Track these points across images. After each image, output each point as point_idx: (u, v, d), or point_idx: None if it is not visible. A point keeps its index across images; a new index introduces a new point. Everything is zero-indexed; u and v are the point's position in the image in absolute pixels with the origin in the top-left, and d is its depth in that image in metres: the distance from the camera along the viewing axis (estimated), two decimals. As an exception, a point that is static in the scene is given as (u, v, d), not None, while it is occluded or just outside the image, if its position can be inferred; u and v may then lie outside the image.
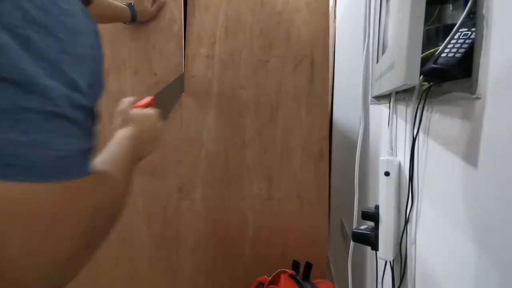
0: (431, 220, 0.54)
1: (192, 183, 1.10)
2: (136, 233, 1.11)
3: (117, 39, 1.10)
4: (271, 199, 1.07)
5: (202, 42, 1.07)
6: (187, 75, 1.09)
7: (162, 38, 1.09)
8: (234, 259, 1.10)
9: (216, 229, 1.10)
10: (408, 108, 0.62)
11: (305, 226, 1.06)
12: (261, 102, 1.06)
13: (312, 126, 1.04)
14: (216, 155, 1.08)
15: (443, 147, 0.50)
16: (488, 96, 0.37)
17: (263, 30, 1.04)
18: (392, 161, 0.68)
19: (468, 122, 0.42)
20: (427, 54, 0.49)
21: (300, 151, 1.05)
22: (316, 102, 1.04)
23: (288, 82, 1.04)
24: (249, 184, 1.08)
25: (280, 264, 1.07)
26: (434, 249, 0.53)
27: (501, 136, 0.35)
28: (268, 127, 1.06)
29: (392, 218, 0.68)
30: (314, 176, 1.05)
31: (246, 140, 1.07)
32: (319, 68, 1.03)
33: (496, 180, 0.36)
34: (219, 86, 1.07)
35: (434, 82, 0.48)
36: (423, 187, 0.57)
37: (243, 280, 1.09)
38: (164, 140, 1.08)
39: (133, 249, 1.11)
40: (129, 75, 1.10)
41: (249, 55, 1.05)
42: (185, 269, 1.11)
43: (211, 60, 1.07)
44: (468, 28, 0.43)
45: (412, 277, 0.62)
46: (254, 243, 1.09)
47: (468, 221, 0.42)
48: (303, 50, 1.03)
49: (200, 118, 1.09)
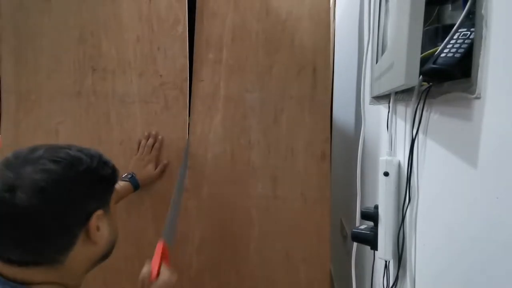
0: (431, 220, 0.53)
1: (199, 183, 1.09)
2: (143, 232, 1.10)
3: (122, 40, 1.09)
4: (276, 198, 1.07)
5: (209, 48, 1.08)
6: (195, 79, 1.09)
7: (167, 40, 1.08)
8: (239, 257, 1.09)
9: (222, 227, 1.09)
10: (407, 108, 0.60)
11: (309, 224, 1.05)
12: (266, 105, 1.06)
13: (315, 128, 1.04)
14: (223, 156, 1.08)
15: (442, 147, 0.48)
16: (487, 96, 0.36)
17: (268, 37, 1.05)
18: (392, 161, 0.66)
19: (467, 122, 0.41)
20: (427, 54, 0.48)
21: (304, 152, 1.05)
22: (318, 106, 1.04)
23: (292, 87, 1.05)
24: (254, 184, 1.07)
25: (284, 261, 1.06)
26: (434, 249, 0.52)
27: (501, 136, 0.34)
28: (273, 129, 1.06)
29: (392, 218, 0.66)
30: (317, 176, 1.05)
31: (252, 141, 1.07)
32: (321, 74, 1.04)
33: (496, 180, 0.35)
34: (226, 90, 1.08)
35: (433, 82, 0.47)
36: (423, 187, 0.56)
37: (249, 277, 1.08)
38: (171, 141, 1.08)
39: (140, 248, 1.10)
40: (134, 77, 1.09)
41: (254, 60, 1.06)
42: (191, 267, 1.10)
43: (218, 65, 1.07)
44: (467, 28, 0.42)
45: (411, 277, 0.60)
46: (259, 241, 1.08)
47: (468, 221, 0.41)
48: (306, 57, 1.04)
49: (207, 120, 1.09)
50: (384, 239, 0.67)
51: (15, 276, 0.54)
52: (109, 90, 1.09)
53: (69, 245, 0.57)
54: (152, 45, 1.08)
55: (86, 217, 0.58)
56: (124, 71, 1.09)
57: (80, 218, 0.57)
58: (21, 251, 0.54)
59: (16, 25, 1.10)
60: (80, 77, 1.09)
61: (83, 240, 0.58)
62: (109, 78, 1.09)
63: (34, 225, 0.52)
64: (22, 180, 0.51)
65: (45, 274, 0.56)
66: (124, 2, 1.08)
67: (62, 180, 0.54)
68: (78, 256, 0.58)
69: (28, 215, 0.52)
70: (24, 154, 0.55)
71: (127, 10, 1.08)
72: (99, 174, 0.61)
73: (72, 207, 0.56)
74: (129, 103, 1.09)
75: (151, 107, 1.08)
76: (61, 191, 0.54)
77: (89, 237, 0.58)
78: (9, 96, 1.11)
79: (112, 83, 1.09)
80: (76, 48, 1.09)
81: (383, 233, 0.67)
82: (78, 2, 1.08)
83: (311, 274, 1.05)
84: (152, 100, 1.08)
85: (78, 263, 0.59)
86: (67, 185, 0.55)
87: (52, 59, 1.09)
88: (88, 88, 1.09)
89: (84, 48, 1.09)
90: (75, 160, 0.57)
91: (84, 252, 0.59)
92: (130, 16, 1.08)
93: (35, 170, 0.53)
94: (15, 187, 0.51)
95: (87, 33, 1.09)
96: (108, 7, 1.08)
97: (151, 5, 1.08)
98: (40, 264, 0.55)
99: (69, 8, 1.09)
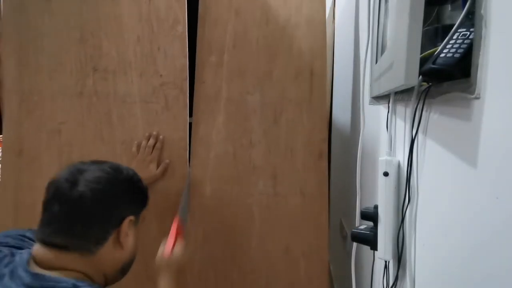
0: (430, 220, 0.52)
1: (202, 181, 1.11)
2: (146, 230, 1.10)
3: (123, 40, 1.09)
4: (276, 195, 1.09)
5: (212, 51, 1.10)
6: (197, 81, 1.10)
7: (167, 39, 1.09)
8: (241, 253, 1.11)
9: (225, 224, 1.11)
10: (407, 108, 0.60)
11: (307, 220, 1.08)
12: (266, 107, 1.09)
13: (313, 129, 1.08)
14: (225, 155, 1.10)
15: (442, 147, 0.48)
16: (487, 96, 0.36)
17: (268, 43, 1.09)
18: (391, 161, 0.66)
19: (467, 122, 0.40)
20: (426, 54, 0.48)
21: (302, 151, 1.08)
22: (316, 108, 1.08)
23: (291, 90, 1.09)
24: (255, 182, 1.10)
25: (284, 256, 1.08)
26: (433, 249, 0.51)
27: (500, 136, 0.33)
28: (273, 130, 1.09)
29: (391, 218, 0.65)
30: (315, 173, 1.08)
31: (253, 141, 1.10)
32: (318, 78, 1.08)
33: (495, 180, 0.34)
34: (228, 92, 1.10)
35: (433, 82, 0.47)
36: (422, 187, 0.55)
37: (250, 272, 1.10)
38: (172, 140, 1.08)
39: (143, 245, 1.10)
40: (135, 77, 1.09)
41: (255, 65, 1.09)
42: (194, 263, 1.11)
43: (220, 68, 1.10)
44: (466, 28, 0.42)
45: (411, 277, 0.60)
46: (260, 237, 1.10)
47: (467, 221, 0.41)
48: (304, 62, 1.08)
49: (210, 121, 1.10)
50: (383, 239, 0.67)
51: (50, 261, 0.63)
52: (110, 90, 1.09)
53: (103, 239, 0.67)
54: (152, 45, 1.09)
55: (121, 219, 0.69)
56: (124, 71, 1.09)
57: (117, 218, 0.69)
58: (65, 235, 0.64)
59: (17, 26, 1.10)
60: (82, 78, 1.09)
61: (113, 241, 0.68)
62: (110, 79, 1.09)
63: (82, 212, 0.64)
64: (84, 177, 0.65)
65: (77, 262, 0.64)
66: (124, 3, 1.08)
67: (114, 181, 0.69)
68: (106, 254, 0.67)
69: (81, 203, 0.64)
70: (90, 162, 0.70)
71: (127, 11, 1.08)
72: (136, 185, 0.75)
73: (114, 206, 0.68)
74: (130, 103, 1.09)
75: (152, 107, 1.09)
76: (111, 189, 0.68)
77: (118, 239, 0.69)
78: (11, 96, 1.11)
79: (113, 83, 1.09)
80: (77, 49, 1.09)
81: (382, 233, 0.67)
82: (79, 3, 1.08)
83: (310, 268, 1.08)
84: (152, 100, 1.09)
85: (104, 260, 0.67)
86: (116, 186, 0.69)
87: (53, 60, 1.09)
88: (90, 88, 1.09)
89: (85, 48, 1.09)
90: (123, 169, 0.73)
91: (112, 252, 0.68)
92: (130, 16, 1.08)
93: (97, 170, 0.68)
94: (77, 182, 0.64)
95: (88, 33, 1.09)
96: (108, 7, 1.08)
97: (151, 5, 1.08)
98: (75, 250, 0.64)
99: (70, 8, 1.09)
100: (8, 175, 1.11)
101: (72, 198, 0.63)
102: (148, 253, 1.10)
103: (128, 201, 0.72)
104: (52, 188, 0.65)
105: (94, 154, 1.08)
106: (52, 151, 1.09)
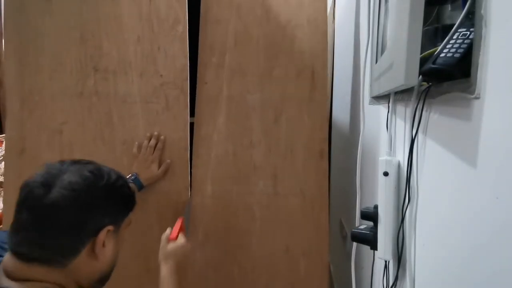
0: (430, 220, 0.52)
1: (203, 181, 1.11)
2: (148, 230, 1.10)
3: (123, 40, 1.09)
4: (276, 194, 1.09)
5: (213, 52, 1.10)
6: (200, 82, 1.10)
7: (167, 39, 1.09)
8: (242, 252, 1.11)
9: (225, 223, 1.11)
10: (407, 108, 0.60)
11: (308, 219, 1.08)
12: (267, 106, 1.09)
13: (313, 128, 1.07)
14: (226, 155, 1.10)
15: (442, 147, 0.48)
16: (487, 96, 0.36)
17: (269, 42, 1.09)
18: (391, 161, 0.65)
19: (467, 122, 0.40)
20: (426, 54, 0.47)
21: (303, 151, 1.07)
22: (316, 107, 1.08)
23: (291, 89, 1.08)
24: (256, 181, 1.10)
25: (285, 255, 1.08)
26: (433, 249, 0.51)
27: (500, 136, 0.33)
28: (273, 129, 1.09)
29: (391, 218, 0.65)
30: (315, 173, 1.07)
31: (253, 141, 1.09)
32: (319, 78, 1.08)
33: (495, 180, 0.34)
34: (228, 92, 1.10)
35: (433, 82, 0.46)
36: (422, 187, 0.55)
37: (251, 271, 1.10)
38: (173, 140, 1.08)
39: (145, 246, 1.11)
40: (135, 77, 1.09)
41: (255, 64, 1.09)
42: (195, 262, 1.11)
43: (221, 68, 1.10)
44: (466, 28, 0.42)
45: (411, 276, 0.60)
46: (261, 236, 1.10)
47: (467, 221, 0.41)
48: (305, 61, 1.08)
49: (211, 121, 1.10)
50: (383, 239, 0.67)
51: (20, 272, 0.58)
52: (111, 91, 1.09)
53: (76, 251, 0.60)
54: (153, 45, 1.09)
55: (97, 229, 0.62)
56: (125, 71, 1.09)
57: (92, 228, 0.62)
58: (33, 246, 0.58)
59: (18, 26, 1.10)
60: (82, 78, 1.09)
61: (88, 251, 0.62)
62: (110, 79, 1.09)
63: (52, 221, 0.58)
64: (61, 181, 0.59)
65: (47, 273, 0.59)
66: (124, 3, 1.08)
67: (91, 188, 0.62)
68: (80, 265, 0.61)
69: (50, 212, 0.58)
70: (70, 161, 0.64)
71: (127, 10, 1.08)
72: (118, 191, 0.68)
73: (90, 215, 0.62)
74: (130, 103, 1.09)
75: (152, 107, 1.09)
76: (87, 197, 0.61)
77: (94, 250, 0.62)
78: (13, 96, 1.11)
79: (114, 84, 1.09)
80: (77, 49, 1.09)
81: (382, 233, 0.67)
82: (79, 3, 1.08)
83: (310, 268, 1.07)
84: (153, 100, 1.09)
85: (78, 272, 0.62)
86: (93, 193, 0.62)
87: (54, 60, 1.10)
88: (90, 88, 1.09)
89: (85, 48, 1.09)
90: (104, 174, 0.65)
91: (87, 264, 0.62)
92: (131, 16, 1.08)
93: (75, 174, 0.61)
94: (51, 186, 0.58)
95: (88, 33, 1.09)
96: (109, 7, 1.08)
97: (151, 5, 1.08)
98: (45, 263, 0.59)
99: (70, 8, 1.09)
100: (11, 174, 1.11)
101: (42, 205, 0.57)
102: (148, 252, 1.10)
103: (106, 209, 0.64)
104: (24, 191, 0.59)
105: (95, 154, 1.08)
106: (53, 151, 1.09)
